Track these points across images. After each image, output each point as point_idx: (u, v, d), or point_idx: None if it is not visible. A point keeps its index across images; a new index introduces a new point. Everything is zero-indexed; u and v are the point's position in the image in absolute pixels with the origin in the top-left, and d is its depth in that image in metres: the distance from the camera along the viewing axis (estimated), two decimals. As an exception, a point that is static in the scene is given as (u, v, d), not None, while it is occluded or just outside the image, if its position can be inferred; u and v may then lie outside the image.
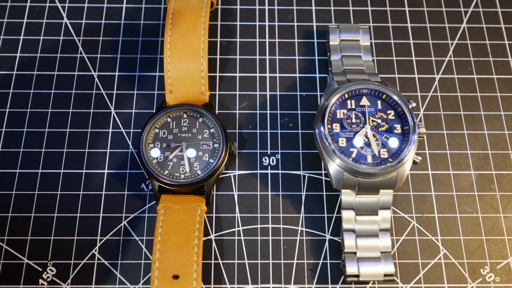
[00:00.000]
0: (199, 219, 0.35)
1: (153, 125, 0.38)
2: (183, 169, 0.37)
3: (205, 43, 0.39)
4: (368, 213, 0.36)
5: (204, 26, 0.40)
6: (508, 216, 0.39)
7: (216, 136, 0.38)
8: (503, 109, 0.42)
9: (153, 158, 0.37)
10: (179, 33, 0.39)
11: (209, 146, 0.38)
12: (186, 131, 0.38)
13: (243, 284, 0.37)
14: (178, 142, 0.38)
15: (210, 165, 0.37)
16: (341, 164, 0.35)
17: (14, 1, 0.45)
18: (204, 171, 0.37)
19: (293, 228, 0.38)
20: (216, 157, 0.37)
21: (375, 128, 0.36)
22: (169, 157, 0.37)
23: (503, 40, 0.45)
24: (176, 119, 0.38)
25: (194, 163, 0.37)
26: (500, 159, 0.41)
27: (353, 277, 0.35)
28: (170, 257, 0.33)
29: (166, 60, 0.39)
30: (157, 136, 0.38)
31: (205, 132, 0.38)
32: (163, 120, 0.38)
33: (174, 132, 0.38)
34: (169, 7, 0.41)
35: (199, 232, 0.35)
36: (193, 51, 0.39)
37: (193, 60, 0.39)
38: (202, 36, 0.39)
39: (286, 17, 0.46)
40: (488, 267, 0.37)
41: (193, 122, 0.38)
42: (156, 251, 0.34)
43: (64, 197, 0.38)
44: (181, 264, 0.33)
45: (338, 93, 0.37)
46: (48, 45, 0.44)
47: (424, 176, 0.40)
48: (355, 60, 0.40)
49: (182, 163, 0.37)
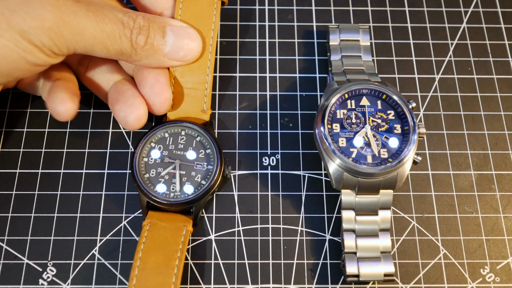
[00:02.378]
0: (183, 239, 0.35)
1: (149, 139, 0.37)
2: (174, 188, 0.36)
3: (211, 61, 0.38)
4: (368, 213, 0.36)
5: (212, 42, 0.38)
6: (508, 216, 0.39)
7: (211, 158, 0.37)
8: (503, 109, 0.42)
9: (147, 172, 0.36)
10: None
11: (203, 167, 0.37)
12: (182, 149, 0.37)
13: (243, 284, 0.37)
14: (173, 159, 0.37)
15: (202, 187, 0.36)
16: (341, 164, 0.35)
17: (14, 1, 0.45)
18: (195, 192, 0.36)
19: (293, 228, 0.38)
20: (208, 179, 0.36)
21: (375, 128, 0.36)
22: (161, 174, 0.36)
23: (503, 40, 0.45)
24: (174, 135, 0.37)
25: (185, 182, 0.36)
26: (500, 159, 0.41)
27: (353, 277, 0.35)
28: (149, 275, 0.33)
29: (171, 74, 0.38)
30: (152, 150, 0.37)
31: (201, 152, 0.37)
32: (160, 135, 0.37)
33: (170, 149, 0.37)
34: (176, 12, 0.38)
35: (181, 253, 0.34)
36: (199, 68, 0.38)
37: (198, 77, 0.38)
38: (210, 53, 0.38)
39: (286, 17, 0.46)
40: (488, 267, 0.37)
41: (190, 140, 0.37)
42: (135, 267, 0.33)
43: (64, 197, 0.38)
44: (159, 284, 0.33)
45: (338, 93, 0.37)
46: (48, 45, 0.44)
47: (424, 176, 0.40)
48: (355, 60, 0.40)
49: (174, 181, 0.36)
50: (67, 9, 0.30)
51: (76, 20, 0.30)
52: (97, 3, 0.32)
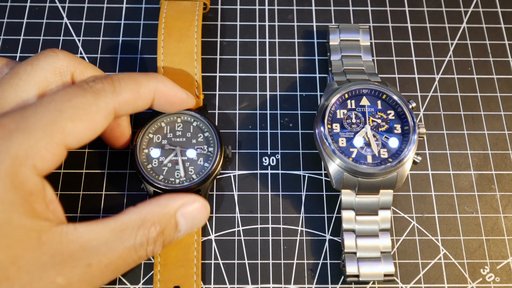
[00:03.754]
0: (196, 230, 0.36)
1: (146, 130, 0.38)
2: (178, 174, 0.37)
3: (198, 47, 0.39)
4: (368, 213, 0.36)
5: (197, 29, 0.40)
6: (508, 216, 0.39)
7: (211, 140, 0.38)
8: (503, 109, 0.42)
9: (150, 162, 0.37)
10: (172, 37, 0.40)
11: (203, 150, 0.37)
12: (180, 135, 0.38)
13: (243, 284, 0.37)
14: (173, 146, 0.37)
15: (205, 169, 0.37)
16: (341, 164, 0.35)
17: (14, 1, 0.45)
18: (199, 175, 0.36)
19: (293, 228, 0.38)
20: (211, 161, 0.37)
21: (375, 128, 0.36)
22: (164, 162, 0.37)
23: (503, 40, 0.45)
24: (170, 124, 0.38)
25: (189, 167, 0.37)
26: (500, 159, 0.41)
27: (353, 277, 0.35)
28: (171, 269, 0.35)
29: (160, 64, 0.39)
30: (151, 141, 0.37)
31: (200, 136, 0.38)
32: (157, 125, 0.38)
33: (169, 137, 0.38)
34: (162, 11, 0.41)
35: (197, 244, 0.36)
36: (187, 55, 0.39)
37: (187, 64, 0.39)
38: (195, 39, 0.40)
39: (286, 17, 0.46)
40: (488, 267, 0.37)
41: (187, 126, 0.38)
42: (157, 264, 0.36)
43: (64, 197, 0.38)
44: (182, 275, 0.35)
45: (338, 93, 0.37)
46: (48, 45, 0.44)
47: (424, 176, 0.40)
48: (355, 60, 0.40)
49: (177, 167, 0.37)
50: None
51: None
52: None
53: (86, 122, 0.30)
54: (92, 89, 0.31)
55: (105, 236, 0.29)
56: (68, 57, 0.33)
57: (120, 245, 0.30)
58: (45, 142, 0.28)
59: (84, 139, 0.30)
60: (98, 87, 0.31)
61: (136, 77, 0.34)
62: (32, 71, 0.31)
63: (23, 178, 0.27)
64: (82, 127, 0.29)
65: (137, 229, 0.30)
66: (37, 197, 0.28)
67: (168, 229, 0.32)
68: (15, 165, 0.27)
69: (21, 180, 0.27)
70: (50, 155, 0.28)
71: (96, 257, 0.28)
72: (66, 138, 0.29)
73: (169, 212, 0.32)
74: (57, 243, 0.28)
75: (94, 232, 0.29)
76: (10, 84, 0.31)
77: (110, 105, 0.31)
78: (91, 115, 0.30)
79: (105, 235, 0.29)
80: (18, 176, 0.27)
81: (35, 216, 0.27)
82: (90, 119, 0.30)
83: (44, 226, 0.28)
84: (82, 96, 0.30)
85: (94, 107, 0.30)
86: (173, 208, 0.33)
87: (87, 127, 0.30)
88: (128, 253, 0.30)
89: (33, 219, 0.27)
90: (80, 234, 0.28)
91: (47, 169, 0.29)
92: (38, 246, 0.27)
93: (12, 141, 0.27)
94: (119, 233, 0.30)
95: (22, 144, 0.27)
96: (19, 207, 0.27)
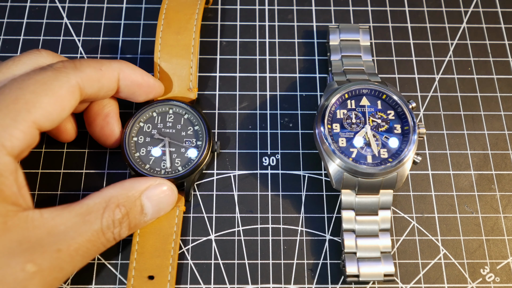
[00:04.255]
0: (177, 221, 0.36)
1: (138, 119, 0.38)
2: (164, 164, 0.37)
3: (196, 40, 0.40)
4: (368, 213, 0.36)
5: (196, 23, 0.40)
6: (508, 216, 0.39)
7: (200, 134, 0.38)
8: (503, 109, 0.42)
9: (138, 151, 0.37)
10: (171, 28, 0.40)
11: (192, 143, 0.38)
12: (170, 127, 0.38)
13: (243, 284, 0.37)
14: (162, 137, 0.38)
15: (191, 162, 0.37)
16: (341, 164, 0.35)
17: (14, 1, 0.45)
18: (185, 168, 0.37)
19: (293, 228, 0.38)
20: (198, 155, 0.37)
21: (375, 128, 0.36)
22: (151, 152, 0.37)
23: (503, 40, 0.45)
24: (162, 114, 0.38)
25: (175, 159, 0.37)
26: (500, 159, 0.41)
27: (353, 277, 0.35)
28: (147, 259, 0.35)
29: (157, 54, 0.39)
30: (141, 129, 0.38)
31: (189, 129, 0.38)
32: (149, 115, 0.38)
33: (159, 127, 0.38)
34: (163, 2, 0.41)
35: (176, 236, 0.36)
36: (184, 47, 0.40)
37: (184, 56, 0.39)
38: (194, 33, 0.40)
39: (286, 17, 0.46)
40: (488, 267, 0.37)
41: (178, 118, 0.38)
42: (134, 251, 0.35)
43: (64, 197, 0.38)
44: (157, 266, 0.35)
45: (338, 93, 0.37)
46: (48, 45, 0.44)
47: (424, 176, 0.40)
48: (355, 60, 0.40)
49: (164, 158, 0.37)
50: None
51: None
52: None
53: (50, 97, 0.30)
54: (53, 67, 0.31)
55: (71, 220, 0.29)
56: (52, 56, 0.34)
57: (87, 228, 0.30)
58: (11, 120, 0.28)
59: (53, 116, 0.30)
60: (58, 65, 0.32)
61: (98, 60, 0.35)
62: (13, 65, 0.32)
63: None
64: (47, 102, 0.30)
65: (102, 211, 0.31)
66: (6, 179, 0.28)
67: (133, 211, 0.33)
68: None
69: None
70: (18, 132, 0.28)
71: (65, 242, 0.28)
72: (33, 114, 0.29)
73: (133, 195, 0.33)
74: (23, 229, 0.27)
75: (61, 217, 0.29)
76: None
77: (72, 80, 0.31)
78: (54, 90, 0.30)
79: (71, 219, 0.29)
80: None
81: (1, 200, 0.27)
82: (54, 94, 0.30)
83: (10, 211, 0.27)
84: (43, 73, 0.31)
85: (55, 81, 0.30)
86: (138, 190, 0.33)
87: (53, 102, 0.30)
88: (96, 236, 0.30)
89: (0, 202, 0.27)
90: (46, 220, 0.28)
91: (17, 149, 0.29)
92: (4, 232, 0.27)
93: None
94: (86, 217, 0.30)
95: None
96: None
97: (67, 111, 0.31)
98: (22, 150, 0.29)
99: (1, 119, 0.28)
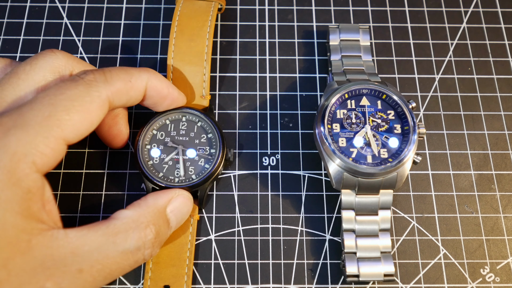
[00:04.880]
0: (191, 230, 0.36)
1: (151, 126, 0.38)
2: (178, 173, 0.36)
3: (209, 47, 0.39)
4: (368, 213, 0.36)
5: (209, 30, 0.40)
6: (508, 216, 0.39)
7: (214, 142, 0.37)
8: (503, 109, 0.42)
9: (151, 159, 0.37)
10: (185, 35, 0.40)
11: (205, 151, 0.37)
12: (183, 135, 0.38)
13: (243, 284, 0.37)
14: (176, 144, 0.37)
15: (205, 170, 0.36)
16: (341, 164, 0.35)
17: (14, 1, 0.45)
18: (199, 176, 0.36)
19: (293, 228, 0.38)
20: (211, 163, 0.37)
21: (375, 128, 0.36)
22: (165, 160, 0.37)
23: (503, 40, 0.45)
24: (175, 122, 0.38)
25: (189, 167, 0.37)
26: (500, 159, 0.41)
27: (353, 277, 0.35)
28: (163, 268, 0.35)
29: (170, 61, 0.39)
30: (155, 137, 0.37)
31: (203, 137, 0.37)
32: (162, 122, 0.38)
33: (172, 135, 0.38)
34: (176, 8, 0.41)
35: (191, 245, 0.36)
36: (197, 54, 0.39)
37: (196, 63, 0.39)
38: (207, 40, 0.40)
39: (286, 17, 0.46)
40: (488, 267, 0.37)
41: (191, 126, 0.38)
42: (149, 262, 0.35)
43: (64, 197, 0.38)
44: (173, 275, 0.35)
45: (338, 93, 0.37)
46: (48, 45, 0.44)
47: (424, 176, 0.40)
48: (355, 60, 0.40)
49: (177, 166, 0.37)
50: None
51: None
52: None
53: (81, 113, 0.29)
54: (84, 80, 0.31)
55: (97, 241, 0.29)
56: (67, 57, 0.33)
57: (114, 249, 0.29)
58: (42, 137, 0.28)
59: (82, 131, 0.30)
60: (89, 78, 0.31)
61: (127, 69, 0.34)
62: (31, 70, 0.32)
63: (21, 175, 0.27)
64: (78, 118, 0.29)
65: (131, 232, 0.30)
66: (34, 195, 0.28)
67: (162, 228, 0.32)
68: (13, 162, 0.27)
69: (19, 177, 0.27)
70: (49, 150, 0.28)
71: (88, 262, 0.28)
72: (64, 131, 0.29)
73: (159, 211, 0.33)
74: (47, 248, 0.27)
75: (86, 237, 0.29)
76: (9, 83, 0.31)
77: (103, 94, 0.31)
78: (86, 106, 0.30)
79: (97, 239, 0.29)
80: (17, 173, 0.27)
81: (29, 216, 0.27)
82: (85, 110, 0.30)
83: (35, 228, 0.27)
84: (74, 88, 0.30)
85: (87, 97, 0.30)
86: (162, 206, 0.33)
87: (83, 118, 0.30)
88: (123, 258, 0.30)
89: (26, 219, 0.27)
90: (71, 240, 0.28)
91: (47, 166, 0.28)
92: (28, 250, 0.27)
93: (10, 138, 0.27)
94: (112, 238, 0.29)
95: (20, 140, 0.27)
96: (14, 206, 0.27)
97: (95, 125, 0.31)
98: (51, 166, 0.29)
99: (33, 136, 0.28)
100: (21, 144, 0.27)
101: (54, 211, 0.29)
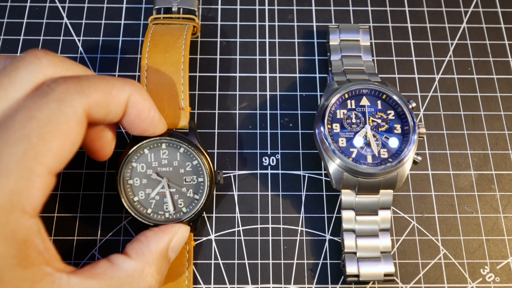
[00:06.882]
0: (188, 257, 0.36)
1: (128, 159, 0.34)
2: (167, 207, 0.34)
3: (186, 57, 0.37)
4: (368, 213, 0.36)
5: (185, 42, 0.38)
6: (508, 216, 0.39)
7: (200, 170, 0.35)
8: (503, 109, 0.42)
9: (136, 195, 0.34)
10: (158, 48, 0.37)
11: (193, 180, 0.34)
12: (166, 164, 0.34)
13: (243, 284, 0.37)
14: (160, 177, 0.34)
15: (195, 202, 0.34)
16: (341, 164, 0.35)
17: (14, 1, 0.45)
18: (189, 209, 0.34)
19: (293, 228, 0.38)
20: (201, 193, 0.34)
21: (375, 128, 0.36)
22: (151, 195, 0.34)
23: (503, 40, 0.45)
24: (154, 151, 0.34)
25: (178, 199, 0.34)
26: (500, 159, 0.41)
27: (353, 277, 0.35)
28: None
29: (143, 73, 0.36)
30: (135, 171, 0.34)
31: (188, 165, 0.35)
32: (140, 153, 0.34)
33: (154, 166, 0.34)
34: (148, 31, 0.39)
35: (189, 273, 0.35)
36: (173, 64, 0.37)
37: (173, 73, 0.36)
38: (183, 50, 0.37)
39: (286, 17, 0.46)
40: (488, 267, 0.37)
41: (173, 154, 0.34)
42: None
43: (64, 197, 0.38)
44: None
45: (338, 93, 0.37)
46: (48, 45, 0.44)
47: (424, 176, 0.40)
48: (355, 60, 0.40)
49: (165, 200, 0.34)
50: None
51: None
52: None
53: (58, 137, 0.26)
54: (55, 93, 0.26)
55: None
56: (54, 64, 0.28)
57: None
58: (26, 181, 0.25)
59: (65, 156, 0.27)
60: (61, 89, 0.27)
61: (108, 78, 0.30)
62: (10, 86, 0.27)
63: (14, 227, 0.25)
64: (57, 145, 0.26)
65: (136, 285, 0.29)
66: (32, 242, 0.26)
67: (164, 269, 0.32)
68: (1, 216, 0.24)
69: (12, 230, 0.25)
70: (36, 191, 0.25)
71: None
72: (46, 165, 0.26)
73: (162, 255, 0.32)
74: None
75: (88, 286, 0.28)
76: None
77: (78, 109, 0.27)
78: (61, 128, 0.26)
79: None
80: (9, 227, 0.24)
81: (29, 265, 0.25)
82: (62, 133, 0.26)
83: (37, 275, 0.26)
84: (45, 108, 0.26)
85: (61, 117, 0.26)
86: (164, 249, 0.32)
87: (63, 142, 0.26)
88: None
89: (26, 269, 0.25)
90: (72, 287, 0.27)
91: (38, 206, 0.26)
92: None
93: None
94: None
95: (3, 192, 0.24)
96: (11, 260, 0.25)
97: (78, 143, 0.28)
98: (43, 201, 0.26)
99: (14, 182, 0.24)
100: (6, 195, 0.24)
101: (51, 248, 0.28)
